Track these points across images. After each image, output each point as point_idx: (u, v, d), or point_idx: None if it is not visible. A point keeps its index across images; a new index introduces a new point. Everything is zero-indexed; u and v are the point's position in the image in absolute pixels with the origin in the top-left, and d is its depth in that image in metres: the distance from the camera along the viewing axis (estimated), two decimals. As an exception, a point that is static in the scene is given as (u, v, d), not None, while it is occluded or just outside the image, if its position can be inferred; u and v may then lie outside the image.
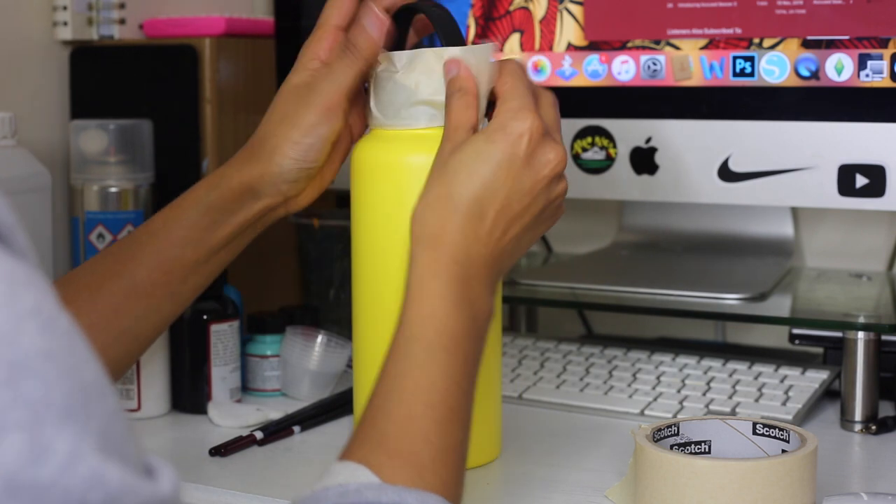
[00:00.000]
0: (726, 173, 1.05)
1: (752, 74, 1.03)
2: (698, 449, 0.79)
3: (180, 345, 1.00)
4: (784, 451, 0.76)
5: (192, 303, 0.99)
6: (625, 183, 1.09)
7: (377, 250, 0.83)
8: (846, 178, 1.00)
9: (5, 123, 1.06)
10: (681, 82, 1.06)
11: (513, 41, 1.11)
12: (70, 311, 0.86)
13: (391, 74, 0.81)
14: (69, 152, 1.12)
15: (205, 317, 1.00)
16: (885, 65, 0.97)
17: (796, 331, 1.04)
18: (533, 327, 1.30)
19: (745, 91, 1.03)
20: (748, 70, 1.03)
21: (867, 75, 0.98)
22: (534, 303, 1.22)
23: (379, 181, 0.82)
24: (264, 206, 0.85)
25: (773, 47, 1.02)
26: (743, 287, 1.08)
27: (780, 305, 1.09)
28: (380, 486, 0.61)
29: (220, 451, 0.89)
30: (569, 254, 1.31)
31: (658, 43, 1.06)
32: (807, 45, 1.00)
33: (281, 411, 0.98)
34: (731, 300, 1.07)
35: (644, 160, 1.08)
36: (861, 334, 0.95)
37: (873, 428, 0.94)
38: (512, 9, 1.11)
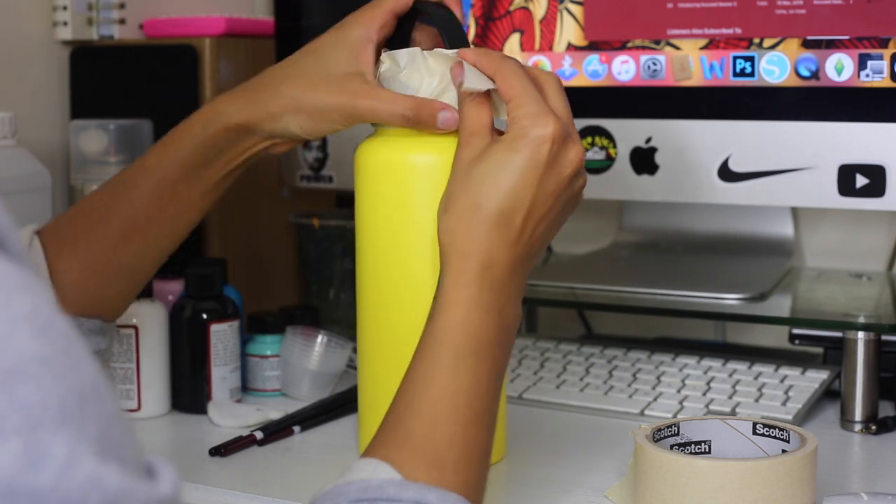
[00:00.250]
0: (726, 173, 1.05)
1: (752, 74, 1.03)
2: (698, 449, 0.79)
3: (180, 345, 1.00)
4: (784, 451, 0.76)
5: (193, 303, 1.00)
6: (625, 183, 1.09)
7: (381, 250, 0.83)
8: (846, 178, 1.00)
9: (5, 123, 1.06)
10: (681, 82, 1.05)
11: (513, 41, 1.11)
12: (69, 250, 0.86)
13: (394, 74, 0.81)
14: (69, 152, 1.12)
15: (205, 317, 1.00)
16: (885, 65, 0.97)
17: (796, 331, 1.04)
18: (533, 327, 1.30)
19: (745, 91, 1.03)
20: (748, 70, 1.03)
21: (867, 75, 0.98)
22: (534, 303, 1.22)
23: (383, 181, 0.82)
24: (260, 146, 0.85)
25: (773, 47, 1.01)
26: (743, 287, 1.08)
27: (780, 305, 1.09)
28: (401, 483, 0.62)
29: (220, 451, 0.89)
30: (569, 254, 1.30)
31: (658, 43, 1.06)
32: (807, 45, 1.00)
33: (281, 411, 0.98)
34: (730, 300, 1.07)
35: (644, 160, 1.08)
36: (861, 334, 0.95)
37: (873, 428, 0.94)
38: (512, 9, 1.10)
